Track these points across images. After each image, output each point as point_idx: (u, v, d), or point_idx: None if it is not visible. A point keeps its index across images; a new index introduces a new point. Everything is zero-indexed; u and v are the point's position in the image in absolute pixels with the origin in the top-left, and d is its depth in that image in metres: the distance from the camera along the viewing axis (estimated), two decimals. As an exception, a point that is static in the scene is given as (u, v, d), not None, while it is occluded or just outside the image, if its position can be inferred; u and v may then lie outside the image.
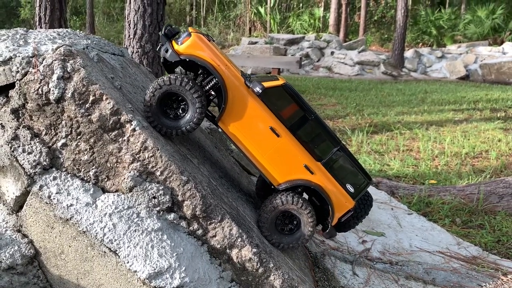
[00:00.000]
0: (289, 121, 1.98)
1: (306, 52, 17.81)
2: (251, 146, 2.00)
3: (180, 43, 1.94)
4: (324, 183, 2.03)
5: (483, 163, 5.84)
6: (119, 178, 1.82)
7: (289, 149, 1.99)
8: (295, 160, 2.01)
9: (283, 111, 1.99)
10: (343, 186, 2.05)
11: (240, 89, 1.95)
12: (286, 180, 2.03)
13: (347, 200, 2.06)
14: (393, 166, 5.52)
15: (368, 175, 2.15)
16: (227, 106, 1.95)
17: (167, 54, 1.94)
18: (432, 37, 25.73)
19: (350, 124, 8.03)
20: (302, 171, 2.02)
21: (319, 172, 2.02)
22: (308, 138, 2.01)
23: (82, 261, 1.78)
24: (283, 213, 2.05)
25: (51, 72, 1.75)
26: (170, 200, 1.82)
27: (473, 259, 2.92)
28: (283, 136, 1.98)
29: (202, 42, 1.94)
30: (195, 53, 1.92)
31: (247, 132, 1.98)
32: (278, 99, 1.98)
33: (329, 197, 2.04)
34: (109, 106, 1.77)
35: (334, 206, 2.06)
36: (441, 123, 8.29)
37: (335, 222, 2.10)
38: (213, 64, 1.92)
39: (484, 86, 14.70)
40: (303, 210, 2.02)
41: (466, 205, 4.12)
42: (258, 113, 1.96)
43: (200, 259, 1.85)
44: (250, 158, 2.02)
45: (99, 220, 1.77)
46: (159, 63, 5.70)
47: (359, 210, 2.23)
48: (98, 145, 1.81)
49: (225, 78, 1.93)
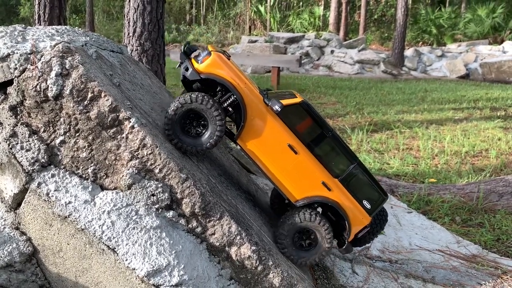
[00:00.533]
0: (307, 138, 2.01)
1: (306, 50, 17.79)
2: (269, 163, 2.02)
3: (200, 61, 1.97)
4: (341, 200, 2.05)
5: (483, 162, 5.83)
6: (118, 176, 1.81)
7: (307, 166, 2.02)
8: (312, 177, 2.03)
9: (301, 128, 2.02)
10: (359, 202, 2.08)
11: (259, 107, 1.97)
12: (304, 197, 2.05)
13: (363, 216, 2.09)
14: (393, 165, 5.51)
15: (384, 191, 2.18)
16: (246, 123, 1.97)
17: (188, 72, 1.97)
18: (432, 36, 25.71)
19: (350, 123, 8.02)
20: (320, 188, 2.04)
21: (336, 189, 2.05)
22: (325, 155, 2.04)
23: (81, 258, 1.78)
24: (301, 229, 2.08)
25: (50, 69, 1.74)
26: (169, 198, 1.81)
27: (473, 257, 2.92)
28: (301, 153, 2.00)
29: (221, 61, 1.97)
30: (215, 72, 1.95)
31: (266, 149, 2.00)
32: (296, 116, 2.02)
33: (346, 214, 2.06)
34: (107, 103, 1.76)
35: (351, 222, 2.08)
36: (441, 122, 8.28)
37: (352, 238, 2.13)
38: (233, 83, 1.95)
39: (484, 85, 14.68)
40: (321, 227, 2.05)
41: (465, 203, 4.11)
42: (276, 131, 1.99)
43: (199, 257, 1.84)
44: (268, 175, 2.05)
45: (98, 218, 1.76)
46: (158, 61, 5.69)
47: (375, 226, 2.26)
48: (97, 142, 1.80)
49: (244, 96, 1.95)
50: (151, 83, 2.49)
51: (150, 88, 2.39)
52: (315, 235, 2.08)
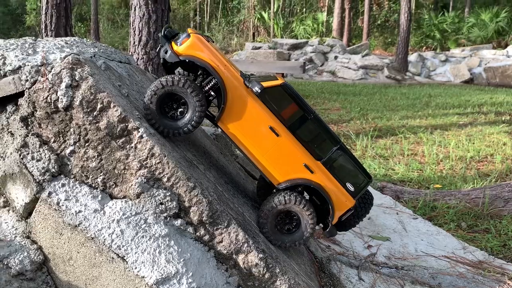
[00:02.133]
0: (288, 121, 2.00)
1: (309, 56, 17.85)
2: (251, 145, 2.01)
3: (179, 44, 1.95)
4: (324, 182, 2.04)
5: (488, 167, 5.83)
6: (127, 185, 1.84)
7: (288, 148, 2.00)
8: (295, 159, 2.01)
9: (282, 110, 2.00)
10: (343, 185, 2.06)
11: (239, 89, 1.96)
12: (286, 179, 2.03)
13: (347, 199, 2.07)
14: (398, 171, 5.52)
15: (368, 174, 2.15)
16: (227, 106, 1.96)
17: (167, 55, 1.95)
18: (435, 40, 25.74)
19: (355, 129, 8.04)
20: (302, 170, 2.02)
21: (319, 171, 2.03)
22: (307, 137, 2.02)
23: (91, 267, 1.80)
24: (284, 212, 2.06)
25: (60, 80, 1.78)
26: (177, 206, 1.83)
27: (479, 263, 2.92)
28: (283, 135, 1.99)
29: (201, 42, 1.95)
30: (195, 54, 1.93)
31: (247, 132, 1.99)
32: (277, 98, 2.00)
33: (329, 196, 2.04)
34: (116, 113, 1.79)
35: (334, 205, 2.06)
36: (446, 127, 8.27)
37: (336, 221, 2.11)
38: (212, 65, 1.93)
39: (489, 90, 14.66)
40: (303, 209, 2.02)
41: (471, 209, 4.11)
42: (257, 113, 1.97)
43: (207, 265, 1.86)
44: (250, 157, 2.03)
45: (107, 226, 1.79)
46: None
47: (360, 209, 2.23)
48: (106, 152, 1.83)
49: (224, 78, 1.94)
50: (158, 92, 2.52)
51: (157, 98, 2.42)
52: (298, 218, 2.06)
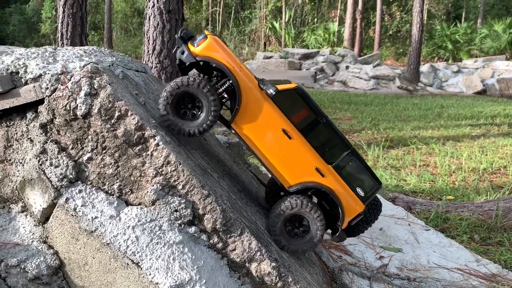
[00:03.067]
0: (301, 124, 2.01)
1: (321, 66, 17.88)
2: (263, 147, 2.02)
3: (196, 45, 1.97)
4: (334, 186, 2.03)
5: (502, 179, 5.77)
6: (142, 192, 1.87)
7: (300, 151, 2.01)
8: (306, 163, 2.02)
9: (295, 113, 2.01)
10: (353, 189, 2.06)
11: (254, 91, 1.98)
12: (297, 182, 2.04)
13: (357, 204, 2.07)
14: (410, 181, 5.49)
15: (378, 179, 2.15)
16: (241, 107, 1.97)
17: (183, 55, 1.98)
18: (448, 51, 25.64)
19: (366, 139, 8.02)
20: (313, 173, 2.03)
21: (330, 175, 2.03)
22: (319, 141, 2.03)
23: (105, 272, 1.83)
24: (293, 216, 2.06)
25: (79, 88, 1.82)
26: (191, 214, 1.86)
27: (493, 276, 2.89)
28: (295, 138, 2.00)
29: (217, 44, 1.98)
30: (211, 55, 1.95)
31: (260, 134, 2.00)
32: (291, 102, 2.01)
33: (339, 200, 2.04)
34: (134, 121, 1.82)
35: (344, 209, 2.06)
36: (458, 138, 8.22)
37: (345, 225, 2.10)
38: (228, 66, 1.95)
39: (502, 101, 14.54)
40: (313, 214, 2.02)
41: (484, 221, 4.07)
42: (270, 115, 1.99)
43: (220, 272, 1.87)
44: (262, 159, 2.04)
45: (123, 233, 1.81)
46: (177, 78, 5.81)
47: (369, 215, 2.22)
48: (123, 159, 1.86)
49: (239, 79, 1.96)
50: (173, 101, 2.56)
51: (173, 106, 2.46)
52: (307, 222, 2.06)
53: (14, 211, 1.99)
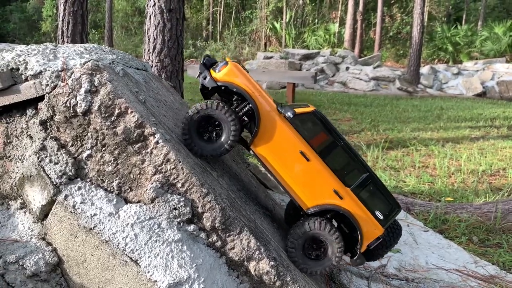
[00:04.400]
0: (319, 146, 2.04)
1: (321, 67, 17.88)
2: (282, 169, 2.05)
3: (218, 70, 2.05)
4: (353, 209, 2.05)
5: (501, 181, 5.77)
6: (142, 189, 1.87)
7: (318, 173, 2.03)
8: (324, 185, 2.04)
9: (313, 136, 2.05)
10: (372, 212, 2.07)
11: (272, 114, 2.03)
12: (316, 204, 2.06)
13: (376, 227, 2.08)
14: (409, 183, 5.49)
15: (397, 203, 2.17)
16: (260, 130, 2.03)
17: (206, 80, 2.06)
18: (448, 53, 25.65)
19: (365, 140, 8.02)
20: (331, 195, 2.05)
21: (348, 198, 2.05)
22: (337, 163, 2.06)
23: (104, 270, 1.83)
24: (312, 238, 2.08)
25: (79, 85, 1.82)
26: (190, 212, 1.86)
27: (491, 278, 2.89)
28: (313, 160, 2.03)
29: (238, 70, 2.05)
30: (231, 80, 2.03)
31: (278, 156, 2.04)
32: (309, 124, 2.06)
33: (358, 223, 2.05)
34: (133, 119, 1.82)
35: (363, 233, 2.07)
36: (458, 140, 8.22)
37: (364, 249, 2.11)
38: (248, 91, 2.02)
39: (502, 103, 14.55)
40: (331, 236, 2.05)
41: (483, 223, 4.07)
42: (289, 138, 2.03)
43: (219, 271, 1.87)
44: (280, 181, 2.07)
45: (122, 230, 1.81)
46: (177, 77, 5.80)
47: (388, 239, 2.23)
48: (122, 157, 1.86)
49: (258, 103, 2.02)
50: (173, 99, 2.56)
51: (173, 105, 2.46)
52: (325, 245, 2.07)
53: (13, 207, 1.99)
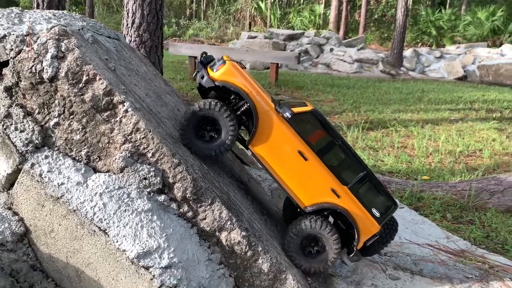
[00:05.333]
0: (316, 146, 2.05)
1: (305, 48, 17.80)
2: (279, 168, 2.06)
3: (215, 70, 2.03)
4: (350, 207, 2.07)
5: (477, 161, 5.88)
6: (111, 159, 1.83)
7: (316, 172, 2.05)
8: (322, 184, 2.06)
9: (311, 135, 2.06)
10: (369, 210, 2.10)
11: (270, 113, 2.02)
12: (313, 203, 2.08)
13: (372, 225, 2.11)
14: (387, 162, 5.55)
15: (394, 200, 2.20)
16: (258, 130, 2.03)
17: (203, 80, 2.04)
18: (431, 37, 25.76)
19: (346, 120, 8.05)
20: (329, 194, 2.07)
21: (346, 196, 2.07)
22: (334, 162, 2.08)
23: (72, 239, 1.80)
24: (309, 236, 2.10)
25: (45, 51, 1.76)
26: (160, 182, 1.83)
27: (461, 252, 2.95)
28: (311, 159, 2.04)
29: (235, 69, 2.03)
30: (229, 80, 2.01)
31: (276, 155, 2.05)
32: (307, 124, 2.06)
33: (355, 221, 2.08)
34: (102, 86, 1.78)
35: (360, 230, 2.10)
36: (437, 122, 8.32)
37: (361, 246, 2.15)
38: (246, 90, 2.00)
39: (481, 87, 14.74)
40: (328, 234, 2.07)
41: (457, 201, 4.15)
42: (287, 137, 2.03)
43: (189, 241, 1.86)
44: (278, 180, 2.09)
45: (90, 199, 1.78)
46: (156, 52, 5.71)
47: (385, 235, 2.28)
48: (91, 125, 1.82)
49: (256, 103, 2.01)
50: (146, 70, 2.51)
51: (146, 75, 2.41)
52: (323, 243, 2.11)
53: (-22, 176, 1.93)
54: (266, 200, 2.75)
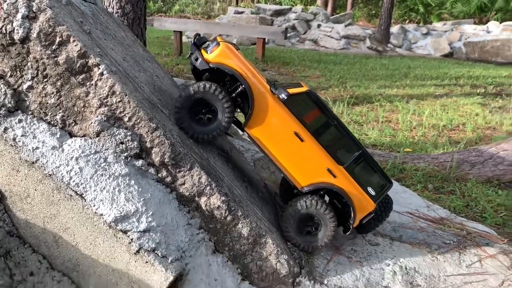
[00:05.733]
0: (312, 126, 2.06)
1: (292, 24, 17.61)
2: (276, 150, 2.07)
3: (209, 52, 2.02)
4: (346, 186, 2.10)
5: (460, 135, 5.94)
6: (87, 123, 1.80)
7: (312, 153, 2.06)
8: (318, 164, 2.08)
9: (307, 116, 2.06)
10: (364, 189, 2.13)
11: (266, 95, 2.02)
12: (309, 183, 2.10)
13: (368, 203, 2.14)
14: (371, 136, 5.58)
15: (389, 178, 2.24)
16: (254, 112, 2.02)
17: (197, 62, 2.02)
18: (419, 14, 25.68)
19: (333, 96, 8.04)
20: (325, 174, 2.09)
21: (341, 176, 2.09)
22: (330, 142, 2.09)
23: (48, 204, 1.78)
24: (306, 215, 2.13)
25: (15, 10, 1.70)
26: (138, 146, 1.81)
27: (441, 220, 3.00)
28: (307, 140, 2.05)
29: (230, 51, 2.01)
30: (224, 62, 1.99)
31: (272, 137, 2.05)
32: (302, 105, 2.06)
33: (350, 200, 2.12)
34: (76, 48, 1.73)
35: (355, 209, 2.14)
36: (422, 97, 8.36)
37: (357, 224, 2.19)
38: (241, 72, 1.99)
39: (467, 64, 14.80)
40: (324, 214, 2.11)
41: (439, 172, 4.20)
42: (282, 119, 2.03)
43: (168, 206, 1.86)
44: (274, 162, 2.09)
45: (66, 164, 1.75)
46: (139, 24, 5.59)
47: (380, 213, 2.32)
48: (65, 89, 1.77)
49: (252, 85, 2.00)
50: (124, 35, 2.45)
51: (123, 40, 2.36)
52: (319, 222, 2.14)
53: (-50, 142, 1.89)
54: (248, 169, 2.75)
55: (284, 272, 2.00)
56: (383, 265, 2.29)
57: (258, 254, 1.99)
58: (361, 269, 2.22)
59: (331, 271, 2.18)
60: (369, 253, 2.40)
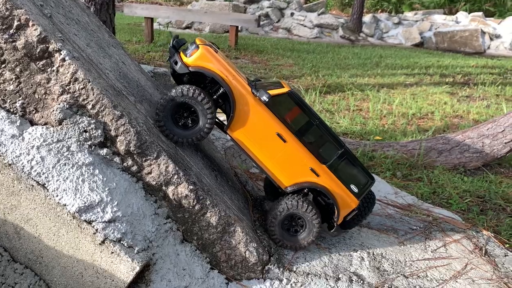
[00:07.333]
0: (294, 127, 2.06)
1: (266, 11, 17.52)
2: (259, 152, 2.07)
3: (188, 55, 1.99)
4: (329, 185, 2.12)
5: (428, 123, 6.07)
6: (48, 111, 1.74)
7: (295, 153, 2.07)
8: (301, 164, 2.09)
9: (289, 117, 2.06)
10: (347, 186, 2.15)
11: (247, 98, 2.00)
12: (293, 183, 2.12)
13: (351, 200, 2.17)
14: (342, 124, 5.63)
15: (371, 175, 2.27)
16: (235, 114, 2.01)
17: (177, 66, 1.99)
18: (391, 4, 25.95)
19: (305, 84, 8.07)
20: (308, 174, 2.10)
21: (325, 174, 2.11)
22: (313, 142, 2.10)
23: (9, 195, 1.72)
24: (290, 215, 2.15)
25: (-31, -8, 1.61)
26: (102, 135, 1.76)
27: (408, 206, 3.07)
28: (289, 141, 2.05)
29: (209, 54, 1.98)
30: (204, 65, 1.97)
31: (255, 139, 2.05)
32: (284, 106, 2.06)
33: (334, 198, 2.14)
34: (36, 33, 1.66)
35: (339, 206, 2.16)
36: (392, 86, 8.48)
37: (341, 221, 2.22)
38: (221, 76, 1.97)
39: (437, 53, 15.09)
40: (308, 213, 2.12)
41: (407, 159, 4.29)
42: (265, 120, 2.03)
43: (134, 195, 1.82)
44: (258, 163, 2.09)
45: (26, 153, 1.69)
46: (107, 10, 5.43)
47: (363, 209, 2.35)
48: (25, 75, 1.71)
49: (233, 88, 1.99)
50: (89, 20, 2.38)
51: (88, 26, 2.28)
52: (304, 221, 2.16)
53: None
54: (218, 158, 2.73)
55: (253, 260, 2.01)
56: (351, 251, 2.32)
57: (227, 243, 1.99)
58: (329, 256, 2.25)
59: (300, 258, 2.20)
60: (337, 239, 2.43)
